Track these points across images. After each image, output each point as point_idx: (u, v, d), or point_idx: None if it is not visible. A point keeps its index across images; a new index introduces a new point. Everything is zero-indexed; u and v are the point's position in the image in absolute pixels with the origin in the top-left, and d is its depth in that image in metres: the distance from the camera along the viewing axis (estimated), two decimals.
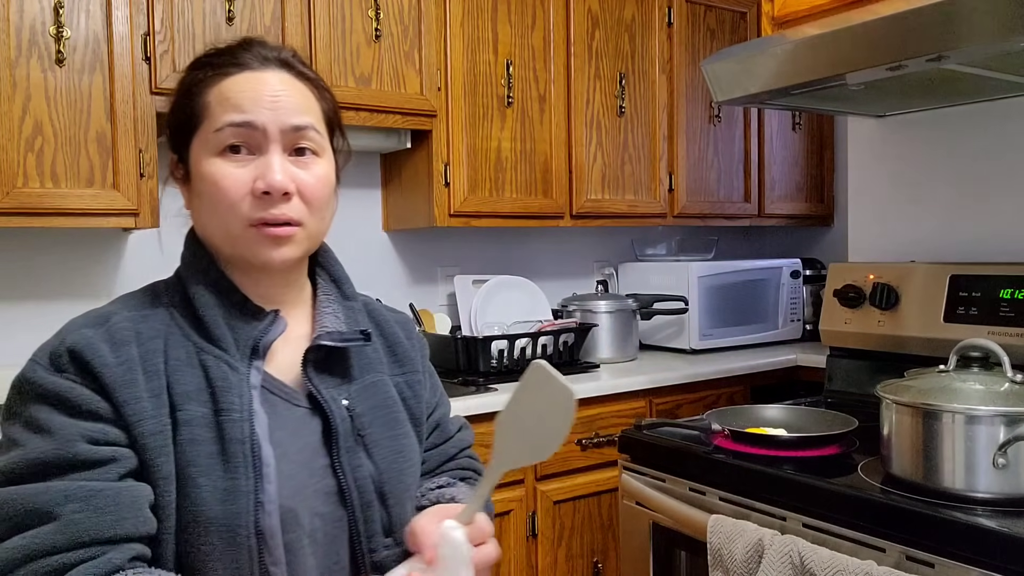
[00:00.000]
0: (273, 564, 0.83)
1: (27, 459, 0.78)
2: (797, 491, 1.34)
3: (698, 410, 2.22)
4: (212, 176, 0.87)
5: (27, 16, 1.75)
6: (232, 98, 0.87)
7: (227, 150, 0.87)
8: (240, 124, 0.86)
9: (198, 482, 0.81)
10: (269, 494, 0.83)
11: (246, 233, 0.87)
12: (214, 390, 0.84)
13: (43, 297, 2.09)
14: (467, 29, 2.37)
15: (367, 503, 0.90)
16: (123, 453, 0.81)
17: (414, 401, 1.01)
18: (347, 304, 0.99)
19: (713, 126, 2.92)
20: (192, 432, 0.82)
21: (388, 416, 0.95)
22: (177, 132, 0.91)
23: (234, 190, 0.86)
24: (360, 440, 0.91)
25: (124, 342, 0.84)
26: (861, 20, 1.49)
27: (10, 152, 1.74)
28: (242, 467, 0.82)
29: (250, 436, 0.83)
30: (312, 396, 0.91)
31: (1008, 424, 1.17)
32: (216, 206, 0.87)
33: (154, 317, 0.89)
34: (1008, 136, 1.89)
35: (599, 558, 2.24)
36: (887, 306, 1.91)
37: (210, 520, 0.80)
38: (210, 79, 0.89)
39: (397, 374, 1.01)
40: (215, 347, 0.87)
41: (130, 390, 0.82)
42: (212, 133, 0.87)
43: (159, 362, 0.84)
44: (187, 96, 0.90)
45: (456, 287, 2.56)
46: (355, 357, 0.96)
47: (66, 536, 0.75)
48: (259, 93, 0.87)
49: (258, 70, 0.89)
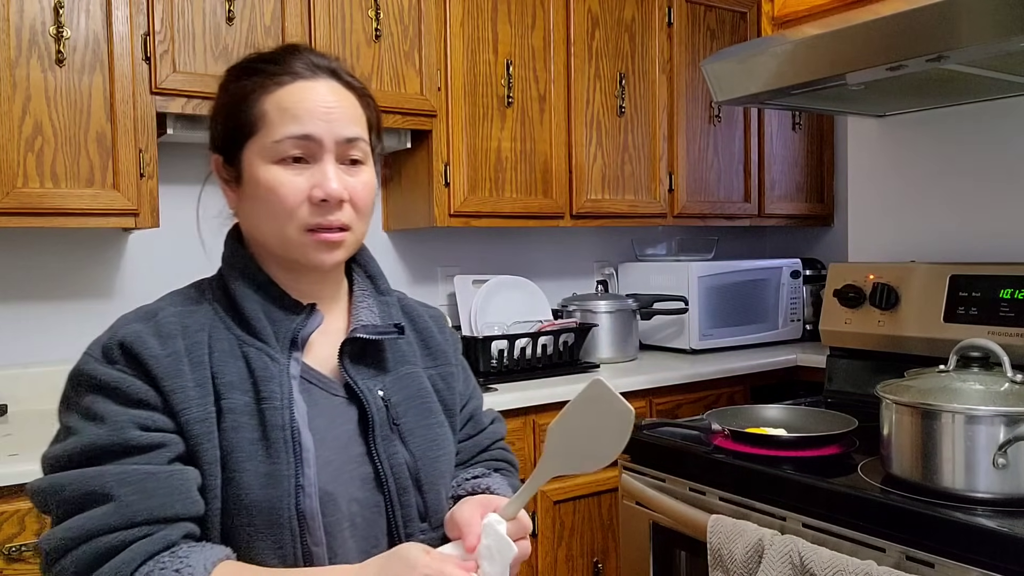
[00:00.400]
0: (315, 544, 0.88)
1: (82, 445, 0.84)
2: (797, 491, 1.34)
3: (698, 410, 2.22)
4: (271, 183, 0.91)
5: (27, 16, 1.75)
6: (290, 109, 0.91)
7: (287, 160, 0.91)
8: (300, 137, 0.91)
9: (242, 466, 0.86)
10: (309, 478, 0.87)
11: (302, 238, 0.92)
12: (255, 380, 0.89)
13: (43, 297, 2.09)
14: (467, 29, 2.37)
15: (403, 489, 0.94)
16: (172, 439, 0.85)
17: (447, 392, 1.05)
18: (381, 299, 1.04)
19: (713, 126, 2.92)
20: (235, 419, 0.87)
21: (422, 406, 0.99)
22: (229, 137, 0.95)
23: (292, 197, 0.91)
24: (395, 428, 0.96)
25: (171, 335, 0.89)
26: (861, 20, 1.49)
27: (10, 152, 1.74)
28: (283, 452, 0.87)
29: (290, 423, 0.88)
30: (349, 386, 0.96)
31: (1008, 424, 1.17)
32: (274, 211, 0.92)
33: (199, 312, 0.94)
34: (1008, 136, 1.89)
35: (599, 558, 2.24)
36: (887, 306, 1.91)
37: (253, 503, 0.85)
38: (265, 87, 0.93)
39: (430, 366, 1.05)
40: (256, 339, 0.92)
41: (177, 380, 0.87)
42: (272, 143, 0.91)
43: (204, 354, 0.89)
44: (242, 102, 0.93)
45: (456, 287, 2.56)
46: (389, 350, 1.01)
47: (122, 516, 0.80)
48: (315, 104, 0.92)
49: (310, 79, 0.93)
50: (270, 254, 0.96)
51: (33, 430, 1.77)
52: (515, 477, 1.13)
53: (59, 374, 2.02)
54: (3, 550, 1.45)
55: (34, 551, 1.47)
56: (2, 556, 1.45)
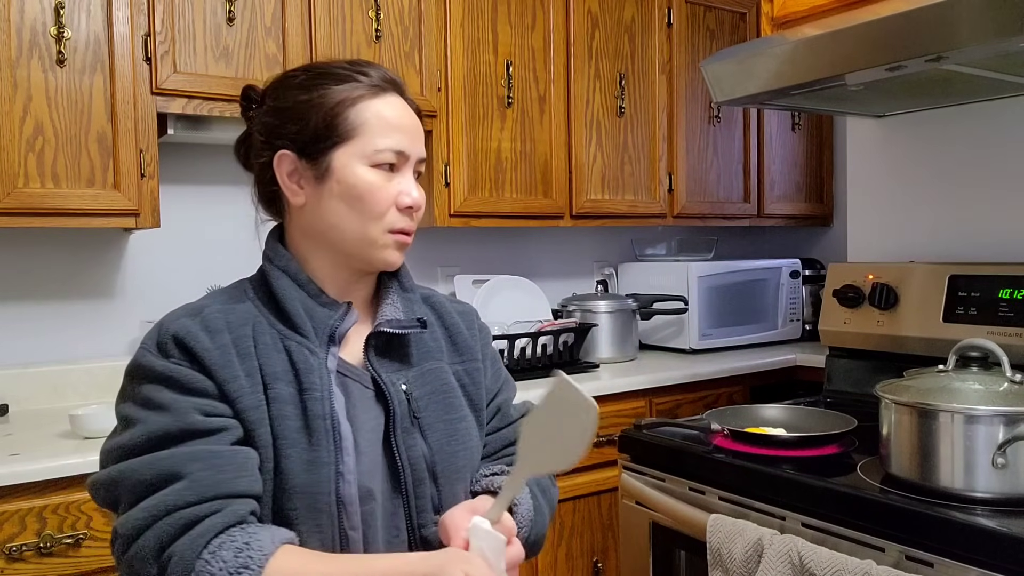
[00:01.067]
0: (351, 529, 0.93)
1: (149, 432, 0.89)
2: (796, 491, 1.34)
3: (698, 410, 2.22)
4: (368, 185, 0.98)
5: (28, 16, 1.75)
6: (392, 122, 0.99)
7: (382, 166, 0.99)
8: (397, 150, 0.99)
9: (287, 452, 0.91)
10: (348, 465, 0.93)
11: (384, 239, 1.00)
12: (297, 371, 0.95)
13: (43, 297, 2.10)
14: (467, 30, 2.37)
15: (419, 480, 0.98)
16: (231, 423, 0.91)
17: (473, 388, 1.08)
18: (406, 295, 1.08)
19: (713, 126, 2.93)
20: (281, 408, 0.93)
21: (444, 401, 1.03)
22: (318, 136, 0.98)
23: (384, 201, 0.98)
24: (416, 422, 1.00)
25: (218, 330, 0.95)
26: (861, 20, 1.49)
27: (11, 152, 1.74)
28: (324, 440, 0.92)
29: (330, 413, 0.93)
30: (374, 379, 1.00)
31: (1007, 424, 1.17)
32: (364, 211, 0.98)
33: (241, 309, 0.99)
34: (1008, 136, 1.89)
35: (599, 558, 2.24)
36: (886, 306, 1.92)
37: (296, 487, 0.91)
38: (363, 96, 0.99)
39: (456, 362, 1.09)
40: (297, 334, 0.97)
41: (229, 370, 0.92)
42: (373, 151, 0.98)
43: (250, 346, 0.95)
44: (338, 107, 0.98)
45: (456, 287, 2.57)
46: (414, 345, 1.05)
47: (194, 491, 0.86)
48: (406, 121, 1.01)
49: (395, 95, 1.02)
50: (328, 252, 1.01)
51: (33, 430, 1.77)
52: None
53: (59, 374, 2.05)
54: (3, 550, 1.45)
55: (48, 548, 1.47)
56: (3, 556, 1.45)
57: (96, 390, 2.07)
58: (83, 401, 2.04)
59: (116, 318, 2.15)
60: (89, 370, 2.08)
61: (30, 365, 2.05)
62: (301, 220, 1.02)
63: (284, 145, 1.00)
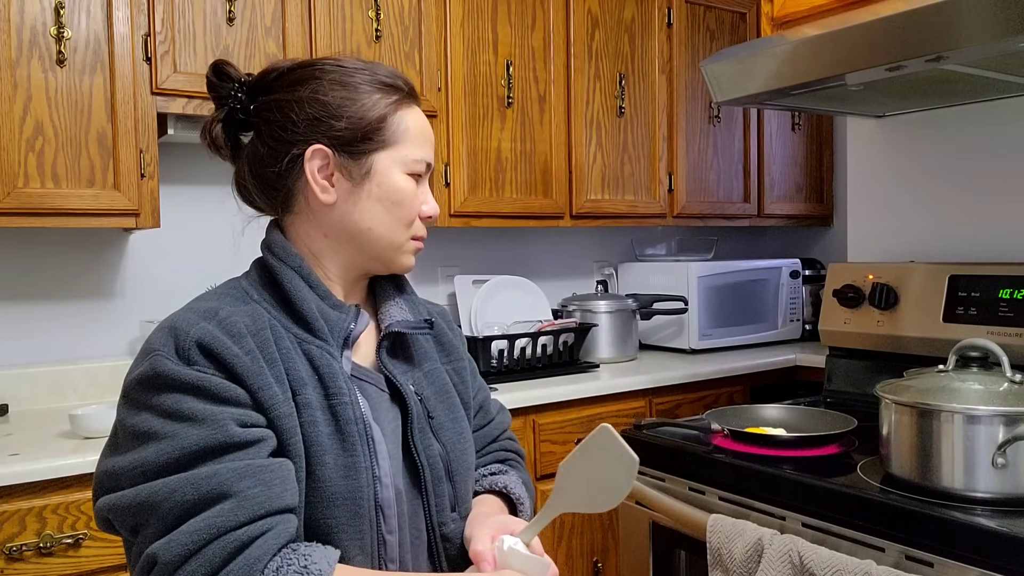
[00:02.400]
0: (389, 533, 0.93)
1: (183, 447, 0.82)
2: (796, 491, 1.34)
3: (698, 410, 2.22)
4: (405, 191, 0.98)
5: (28, 16, 1.75)
6: (425, 133, 1.01)
7: (416, 175, 1.00)
8: (429, 163, 1.01)
9: (322, 460, 0.88)
10: (384, 469, 0.92)
11: (409, 244, 1.01)
12: (321, 376, 0.92)
13: (43, 297, 2.10)
14: (467, 30, 2.37)
15: (437, 480, 0.98)
16: (268, 434, 0.87)
17: (462, 387, 1.09)
18: (407, 297, 1.09)
19: (713, 126, 2.93)
20: (311, 415, 0.89)
21: (448, 400, 1.04)
22: (360, 137, 0.96)
23: (414, 208, 1.00)
24: (430, 422, 1.00)
25: (241, 335, 0.89)
26: (861, 20, 1.49)
27: (11, 152, 1.74)
28: (358, 445, 0.90)
29: (361, 418, 0.92)
30: (388, 381, 1.00)
31: (1007, 424, 1.17)
32: (398, 215, 0.98)
33: (252, 311, 0.93)
34: (1008, 136, 1.89)
35: (599, 558, 2.24)
36: (886, 306, 1.92)
37: (335, 494, 0.88)
38: (405, 104, 0.99)
39: (446, 362, 1.10)
40: (315, 337, 0.94)
41: (261, 378, 0.87)
42: (412, 160, 0.99)
43: (274, 351, 0.90)
44: (387, 110, 0.98)
45: (456, 287, 2.57)
46: (415, 346, 1.05)
47: (246, 511, 0.80)
48: (430, 135, 1.02)
49: (417, 105, 1.02)
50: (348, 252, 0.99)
51: (33, 430, 1.77)
52: (522, 467, 1.18)
53: (59, 374, 2.05)
54: (3, 550, 1.45)
55: (48, 548, 1.47)
56: (3, 556, 1.45)
57: (96, 390, 2.07)
58: (83, 401, 2.04)
59: (116, 318, 2.15)
60: (89, 370, 2.08)
61: (30, 365, 2.05)
62: (325, 218, 0.97)
63: (319, 140, 0.95)
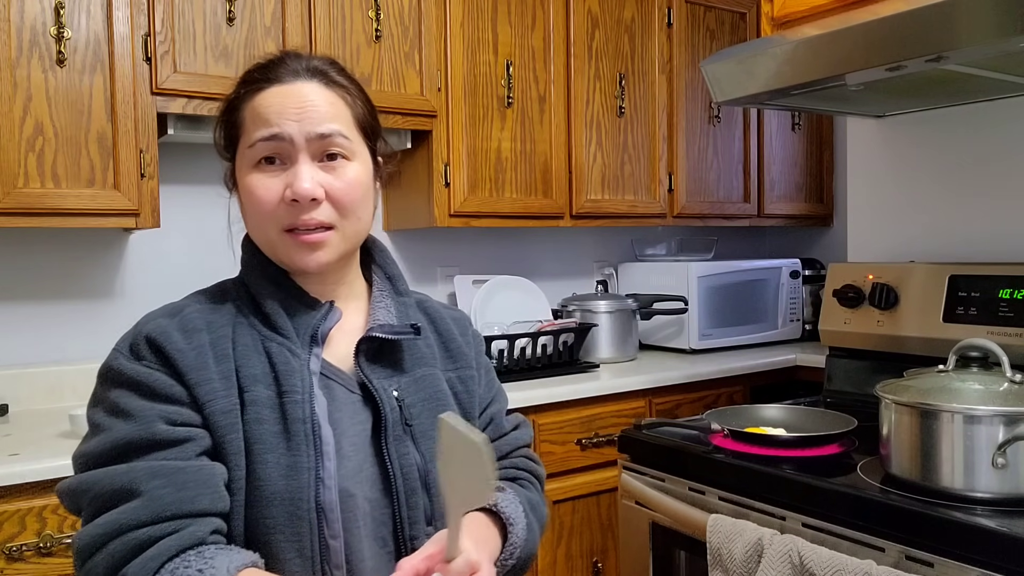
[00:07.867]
0: (332, 537, 0.89)
1: (111, 441, 0.85)
2: (796, 491, 1.34)
3: (698, 410, 2.22)
4: (249, 187, 0.94)
5: (28, 16, 1.75)
6: (262, 113, 0.93)
7: (261, 162, 0.93)
8: (268, 138, 0.92)
9: (264, 458, 0.87)
10: (328, 471, 0.89)
11: (282, 239, 0.94)
12: (277, 374, 0.91)
13: (43, 297, 2.10)
14: (467, 30, 2.37)
15: (411, 490, 0.94)
16: (198, 433, 0.87)
17: (466, 396, 1.05)
18: (400, 300, 1.05)
19: (713, 126, 2.93)
20: (258, 412, 0.88)
21: (437, 408, 0.99)
22: (226, 147, 0.99)
23: (267, 200, 0.93)
24: (408, 430, 0.96)
25: (196, 330, 0.91)
26: (861, 20, 1.49)
27: (10, 152, 1.74)
28: (303, 445, 0.88)
29: (311, 416, 0.89)
30: (364, 385, 0.96)
31: (1007, 424, 1.17)
32: (255, 215, 0.94)
33: (223, 309, 0.95)
34: (1008, 136, 1.89)
35: (599, 558, 2.24)
36: (886, 306, 1.91)
37: (274, 494, 0.86)
38: (246, 95, 0.95)
39: (450, 369, 1.06)
40: (277, 335, 0.94)
41: (202, 372, 0.88)
42: (248, 148, 0.94)
43: (228, 348, 0.91)
44: (229, 112, 0.97)
45: (456, 287, 2.57)
46: (407, 351, 1.01)
47: (151, 511, 0.81)
48: (285, 106, 0.92)
49: (288, 83, 0.94)
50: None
51: (33, 430, 1.77)
52: (534, 489, 1.11)
53: (59, 374, 2.05)
54: (3, 550, 1.45)
55: (48, 548, 1.47)
56: (3, 556, 1.45)
57: None
58: (82, 401, 2.02)
59: (116, 318, 2.15)
60: (89, 370, 2.07)
61: (30, 365, 2.05)
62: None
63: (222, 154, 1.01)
